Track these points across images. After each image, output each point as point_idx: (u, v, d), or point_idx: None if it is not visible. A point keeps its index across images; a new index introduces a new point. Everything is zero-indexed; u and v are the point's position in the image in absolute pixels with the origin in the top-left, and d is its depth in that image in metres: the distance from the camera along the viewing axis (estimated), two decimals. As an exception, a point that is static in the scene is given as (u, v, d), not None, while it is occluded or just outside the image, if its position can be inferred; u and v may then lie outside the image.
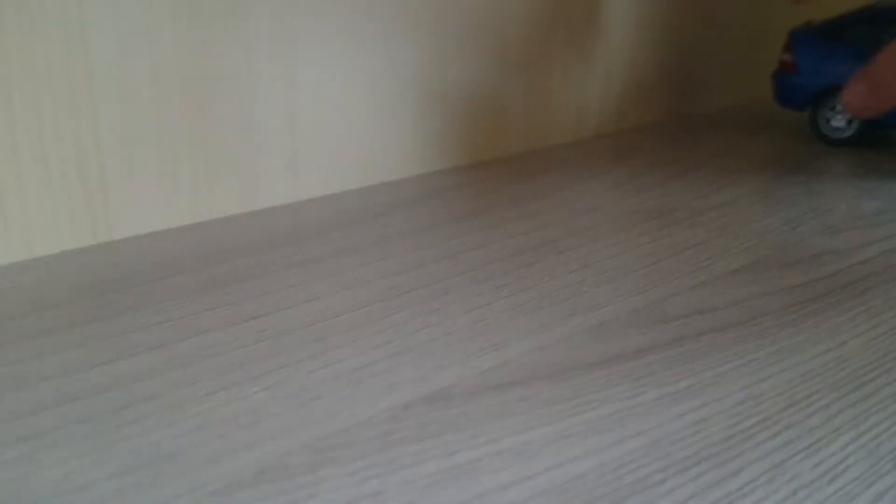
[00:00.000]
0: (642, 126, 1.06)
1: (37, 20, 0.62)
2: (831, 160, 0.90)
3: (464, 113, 0.88)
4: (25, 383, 0.47)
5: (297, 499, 0.38)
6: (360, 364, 0.49)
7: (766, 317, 0.55)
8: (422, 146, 0.86)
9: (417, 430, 0.43)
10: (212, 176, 0.73)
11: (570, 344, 0.52)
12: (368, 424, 0.43)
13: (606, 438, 0.42)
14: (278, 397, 0.46)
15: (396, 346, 0.51)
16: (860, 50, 0.91)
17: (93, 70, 0.65)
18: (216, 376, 0.48)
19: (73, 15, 0.63)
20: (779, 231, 0.69)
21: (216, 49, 0.71)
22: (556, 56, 0.95)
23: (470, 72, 0.87)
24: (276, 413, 0.44)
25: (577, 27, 0.95)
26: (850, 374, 0.48)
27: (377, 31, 0.80)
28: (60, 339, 0.52)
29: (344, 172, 0.81)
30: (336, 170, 0.81)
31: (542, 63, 0.93)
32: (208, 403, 0.45)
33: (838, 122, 0.94)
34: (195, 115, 0.71)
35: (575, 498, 0.38)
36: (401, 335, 0.53)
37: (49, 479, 0.39)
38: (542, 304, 0.57)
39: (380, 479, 0.39)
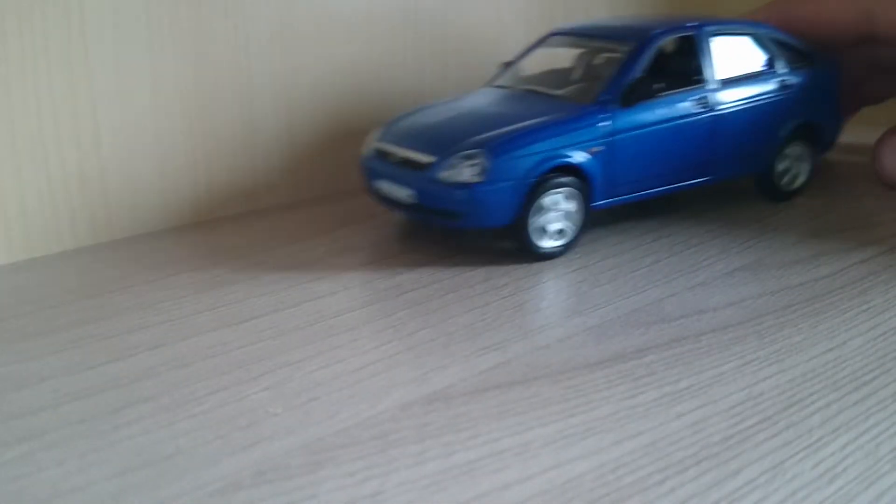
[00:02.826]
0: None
1: (37, 21, 0.62)
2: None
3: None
4: (25, 383, 0.47)
5: (297, 499, 0.38)
6: (360, 364, 0.49)
7: (766, 317, 0.55)
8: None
9: (417, 430, 0.43)
10: (212, 176, 0.73)
11: (570, 344, 0.52)
12: (368, 425, 0.43)
13: (606, 439, 0.42)
14: (278, 397, 0.46)
15: (396, 346, 0.51)
16: None
17: (93, 70, 0.65)
18: (216, 376, 0.48)
19: (74, 15, 0.63)
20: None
21: (216, 49, 0.71)
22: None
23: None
24: (275, 413, 0.44)
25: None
26: (850, 374, 0.48)
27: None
28: (60, 339, 0.52)
29: (343, 173, 0.81)
30: (335, 170, 0.81)
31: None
32: (208, 403, 0.45)
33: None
34: (195, 115, 0.71)
35: (574, 498, 0.38)
36: (401, 335, 0.53)
37: (49, 479, 0.39)
38: (541, 304, 0.57)
39: (379, 479, 0.39)
